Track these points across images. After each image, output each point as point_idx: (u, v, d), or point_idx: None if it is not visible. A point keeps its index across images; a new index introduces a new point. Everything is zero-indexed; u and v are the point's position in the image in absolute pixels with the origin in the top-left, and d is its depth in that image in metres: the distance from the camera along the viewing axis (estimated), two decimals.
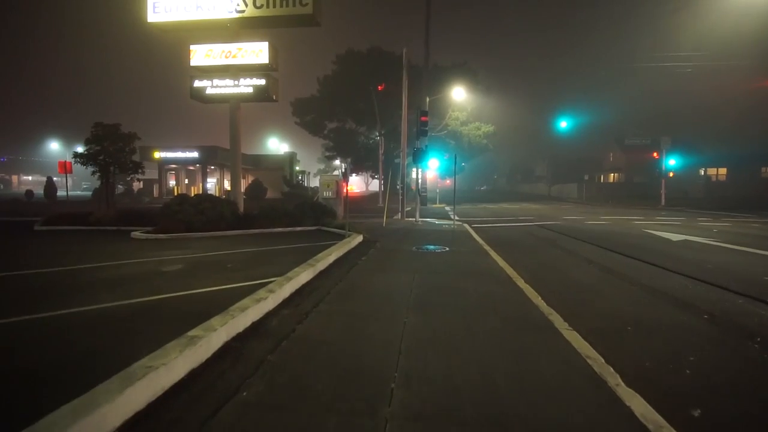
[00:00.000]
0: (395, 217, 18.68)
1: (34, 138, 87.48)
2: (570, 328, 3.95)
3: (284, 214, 12.12)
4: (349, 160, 42.91)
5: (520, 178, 74.45)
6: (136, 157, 15.82)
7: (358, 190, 69.83)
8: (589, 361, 3.19)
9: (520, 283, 5.85)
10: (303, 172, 55.57)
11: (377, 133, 33.31)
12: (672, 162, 31.51)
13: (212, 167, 44.43)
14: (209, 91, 13.04)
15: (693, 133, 42.60)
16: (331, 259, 7.16)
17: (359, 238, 10.00)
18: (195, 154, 38.16)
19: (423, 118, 16.08)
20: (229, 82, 12.92)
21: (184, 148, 38.37)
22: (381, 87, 26.84)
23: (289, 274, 5.48)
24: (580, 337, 3.70)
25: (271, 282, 5.09)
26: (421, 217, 17.27)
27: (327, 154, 43.10)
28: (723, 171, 39.10)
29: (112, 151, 14.69)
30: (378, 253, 8.44)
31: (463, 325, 4.04)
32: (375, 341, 3.62)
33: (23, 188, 49.62)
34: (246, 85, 12.87)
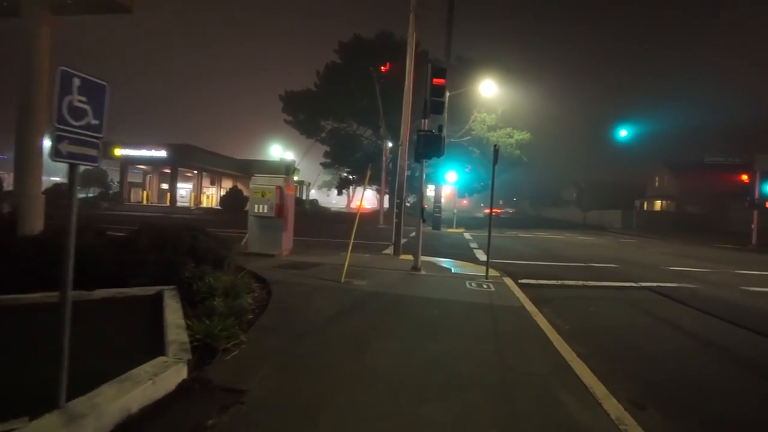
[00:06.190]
0: (385, 252, 11.36)
1: None
2: None
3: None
4: (348, 170, 35.94)
5: (548, 201, 66.34)
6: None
7: (368, 206, 62.55)
8: None
9: None
10: (300, 183, 48.84)
11: (390, 139, 26.22)
12: None
13: (194, 171, 37.95)
14: None
15: None
16: None
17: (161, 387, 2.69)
18: (163, 153, 31.59)
19: (437, 81, 8.83)
20: None
21: (150, 146, 31.87)
22: (385, 68, 19.89)
23: None
24: None
25: None
26: (426, 256, 9.92)
27: (322, 161, 36.16)
28: None
29: None
30: None
31: None
32: None
33: None
34: None
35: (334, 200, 73.76)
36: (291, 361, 3.36)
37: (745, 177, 24.88)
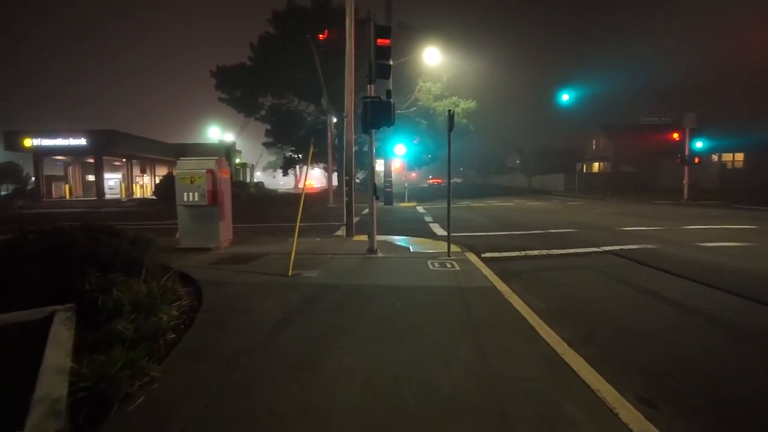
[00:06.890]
0: (336, 234, 10.57)
1: None
2: None
3: None
4: (293, 149, 34.31)
5: (494, 169, 67.73)
6: None
7: (317, 185, 60.61)
8: None
9: None
10: (243, 165, 46.35)
11: (334, 113, 24.91)
12: (699, 144, 24.94)
13: (122, 159, 34.56)
14: None
15: (699, 112, 36.64)
16: None
17: None
18: (83, 141, 28.31)
19: (381, 41, 7.93)
20: None
21: (66, 134, 28.45)
22: (324, 36, 18.53)
23: None
24: None
25: None
26: (382, 234, 9.24)
27: (264, 140, 34.15)
28: (740, 157, 33.14)
29: None
30: None
31: None
32: None
33: None
34: None
35: (281, 181, 70.98)
36: (218, 402, 2.52)
37: (675, 135, 26.11)
